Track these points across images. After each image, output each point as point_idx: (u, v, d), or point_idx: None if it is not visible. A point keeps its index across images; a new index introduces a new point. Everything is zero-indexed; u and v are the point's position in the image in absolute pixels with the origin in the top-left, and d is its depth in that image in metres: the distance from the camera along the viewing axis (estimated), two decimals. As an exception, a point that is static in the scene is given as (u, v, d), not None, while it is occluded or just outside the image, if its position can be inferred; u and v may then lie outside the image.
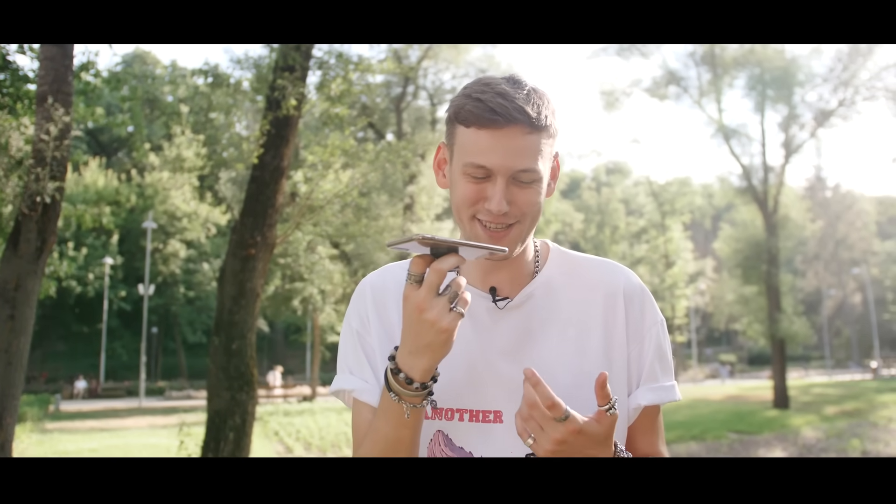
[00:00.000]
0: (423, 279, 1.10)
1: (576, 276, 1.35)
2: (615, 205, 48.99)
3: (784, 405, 23.89)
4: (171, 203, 34.93)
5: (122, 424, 21.38)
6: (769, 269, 24.87)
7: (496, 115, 1.16)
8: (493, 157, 1.18)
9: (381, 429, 1.20)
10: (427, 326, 1.09)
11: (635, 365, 1.32)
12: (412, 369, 1.13)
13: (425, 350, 1.11)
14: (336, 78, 8.35)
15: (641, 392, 1.32)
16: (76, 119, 9.36)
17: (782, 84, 24.98)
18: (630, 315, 1.32)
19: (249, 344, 7.32)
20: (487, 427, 1.26)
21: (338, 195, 9.14)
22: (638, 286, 1.35)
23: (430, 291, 1.09)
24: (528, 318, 1.30)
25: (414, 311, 1.10)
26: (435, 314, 1.09)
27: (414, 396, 1.15)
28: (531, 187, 1.21)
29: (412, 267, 1.11)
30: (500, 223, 1.21)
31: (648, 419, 1.36)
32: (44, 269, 6.13)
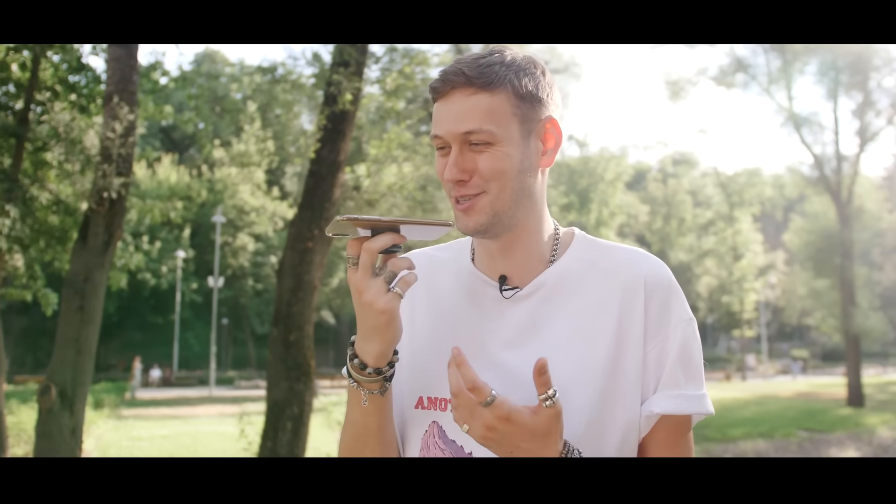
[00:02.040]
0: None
1: (595, 265, 1.22)
2: (682, 196, 48.05)
3: (859, 403, 23.13)
4: (240, 198, 35.78)
5: (193, 412, 22.09)
6: (843, 262, 24.06)
7: (440, 83, 1.15)
8: (441, 125, 1.15)
9: (349, 414, 1.21)
10: (366, 308, 1.08)
11: (654, 367, 1.17)
12: (365, 354, 1.12)
13: (372, 333, 1.10)
14: (391, 72, 8.43)
15: (657, 399, 1.16)
16: (146, 117, 9.71)
17: (857, 69, 24.09)
18: (650, 310, 1.17)
19: (307, 335, 7.46)
20: None
21: (393, 188, 9.23)
22: (664, 278, 1.20)
23: (364, 273, 1.07)
24: (535, 310, 1.20)
25: (355, 294, 1.09)
26: (371, 295, 1.07)
27: (370, 382, 1.13)
28: (487, 151, 1.13)
29: (348, 249, 1.10)
30: (465, 195, 1.15)
31: (668, 433, 1.18)
32: (111, 262, 6.39)
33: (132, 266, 10.36)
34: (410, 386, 1.26)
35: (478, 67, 1.14)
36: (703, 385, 1.19)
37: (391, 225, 1.08)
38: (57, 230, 9.02)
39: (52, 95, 8.59)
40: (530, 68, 1.18)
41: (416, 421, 1.25)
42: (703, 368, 1.20)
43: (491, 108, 1.13)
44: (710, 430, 17.09)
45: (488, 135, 1.12)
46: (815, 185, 25.97)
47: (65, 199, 8.85)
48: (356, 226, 1.07)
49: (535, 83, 1.17)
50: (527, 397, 1.10)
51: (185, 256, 38.61)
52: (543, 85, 1.19)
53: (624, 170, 43.19)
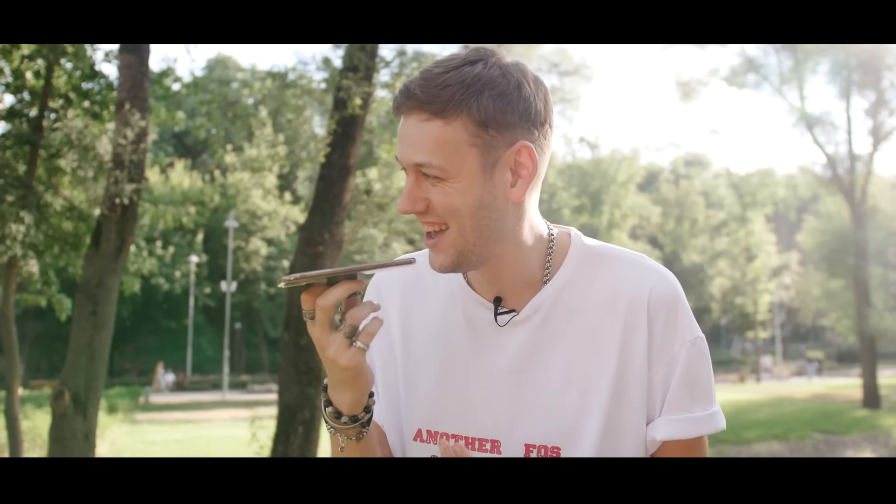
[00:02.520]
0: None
1: (596, 280, 1.13)
2: (694, 197, 47.83)
3: (874, 404, 22.98)
4: (252, 202, 35.93)
5: (206, 416, 22.20)
6: (857, 262, 23.91)
7: (398, 100, 1.04)
8: (399, 149, 1.05)
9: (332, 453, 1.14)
10: (330, 364, 1.01)
11: (659, 391, 1.10)
12: (339, 403, 1.06)
13: (341, 385, 1.03)
14: (401, 76, 8.46)
15: (660, 424, 1.10)
16: (159, 123, 9.79)
17: (869, 68, 23.96)
18: (654, 332, 1.09)
19: (318, 339, 7.49)
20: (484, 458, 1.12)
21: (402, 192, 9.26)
22: (668, 295, 1.11)
23: (322, 329, 0.99)
24: (534, 335, 1.12)
25: (318, 350, 1.02)
26: (332, 352, 0.99)
27: (346, 429, 1.07)
28: (439, 186, 1.03)
29: (303, 303, 1.00)
30: (428, 226, 1.07)
31: (672, 454, 1.12)
32: (123, 268, 6.44)
33: (145, 271, 10.43)
34: (409, 416, 1.20)
35: (433, 89, 1.00)
36: (711, 402, 1.12)
37: (347, 273, 0.98)
38: (71, 236, 9.10)
39: (65, 103, 8.67)
40: (501, 84, 1.02)
41: (416, 453, 1.19)
42: (712, 385, 1.13)
43: (443, 140, 1.01)
44: (725, 432, 16.76)
45: (438, 169, 1.01)
46: (829, 185, 25.82)
47: (78, 206, 8.92)
48: (307, 282, 0.97)
49: (503, 104, 1.02)
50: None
51: (198, 261, 38.82)
52: (516, 103, 1.03)
53: (636, 171, 43.06)
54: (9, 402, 8.45)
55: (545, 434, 1.10)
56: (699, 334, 1.12)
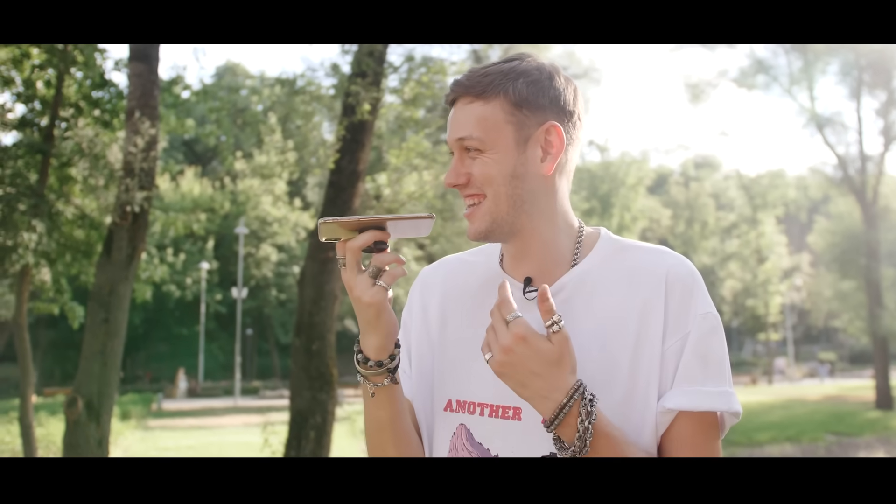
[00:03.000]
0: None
1: (618, 264, 1.22)
2: (704, 199, 47.68)
3: (887, 406, 22.83)
4: (262, 209, 36.07)
5: (219, 423, 22.24)
6: (869, 263, 23.77)
7: (449, 93, 1.21)
8: (448, 133, 1.21)
9: (365, 410, 1.25)
10: (357, 304, 1.14)
11: (671, 362, 1.14)
12: (367, 348, 1.17)
13: (367, 327, 1.16)
14: (409, 81, 8.48)
15: (672, 394, 1.13)
16: (168, 131, 9.85)
17: (880, 68, 23.85)
18: (670, 306, 1.16)
19: (329, 345, 7.51)
20: (506, 424, 1.19)
21: (413, 197, 9.27)
22: (685, 272, 1.18)
23: (350, 270, 1.14)
24: (559, 310, 1.16)
25: (348, 291, 1.15)
26: (358, 291, 1.13)
27: (374, 375, 1.18)
28: (479, 157, 1.18)
29: (337, 251, 1.16)
30: (467, 199, 1.21)
31: (687, 431, 1.14)
32: (134, 275, 6.49)
33: (157, 278, 10.49)
34: (440, 388, 1.29)
35: (475, 77, 1.18)
36: (725, 382, 1.15)
37: (376, 223, 1.13)
38: (82, 244, 9.17)
39: (76, 112, 8.74)
40: (534, 74, 1.19)
41: (444, 423, 1.27)
42: (726, 364, 1.16)
43: (483, 116, 1.17)
44: (737, 434, 16.91)
45: (478, 141, 1.16)
46: (840, 185, 25.70)
47: (89, 214, 8.99)
48: (341, 227, 1.12)
49: (535, 89, 1.18)
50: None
51: (208, 268, 38.92)
52: (547, 90, 1.19)
53: (645, 174, 42.94)
54: (23, 409, 8.51)
55: None
56: (712, 310, 1.17)
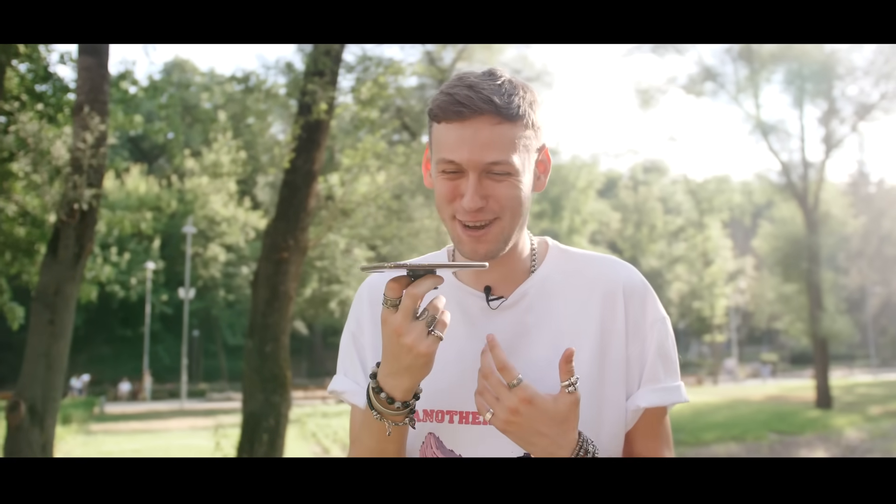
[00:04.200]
0: (399, 303, 1.08)
1: (574, 273, 1.29)
2: (652, 203, 48.54)
3: (827, 405, 23.46)
4: (211, 208, 35.46)
5: (165, 426, 21.78)
6: (810, 267, 24.42)
7: (462, 107, 1.13)
8: (462, 152, 1.14)
9: (365, 441, 1.21)
10: (405, 351, 1.08)
11: (636, 365, 1.25)
12: (394, 389, 1.12)
13: (405, 372, 1.10)
14: (366, 81, 8.42)
15: (642, 393, 1.25)
16: (116, 127, 9.58)
17: (821, 78, 24.52)
18: (630, 313, 1.26)
19: (283, 347, 7.41)
20: (478, 430, 1.22)
21: (370, 198, 9.21)
22: (639, 282, 1.29)
23: (406, 316, 1.07)
24: (521, 318, 1.26)
25: (392, 336, 1.08)
26: (412, 339, 1.07)
27: (396, 415, 1.14)
28: (506, 180, 1.16)
29: (388, 291, 1.09)
30: (479, 221, 1.17)
31: (650, 422, 1.28)
32: (82, 275, 6.29)
33: (103, 278, 10.20)
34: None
35: (504, 97, 1.14)
36: (678, 377, 1.28)
37: (427, 269, 1.08)
38: (24, 242, 8.86)
39: (19, 105, 8.44)
40: (536, 97, 1.20)
41: (413, 433, 1.27)
42: (677, 361, 1.29)
43: (513, 140, 1.15)
44: (685, 434, 17.22)
45: (510, 166, 1.15)
46: (783, 191, 26.35)
47: (31, 211, 8.69)
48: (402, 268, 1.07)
49: (539, 113, 1.20)
50: None
51: (154, 268, 38.14)
52: (540, 111, 1.21)
53: (595, 177, 43.52)
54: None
55: None
56: (664, 314, 1.30)
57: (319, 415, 22.53)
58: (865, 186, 56.20)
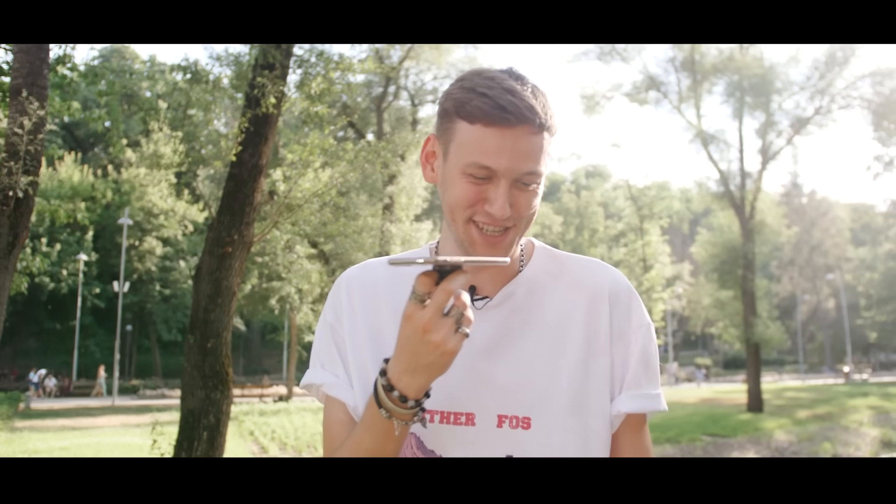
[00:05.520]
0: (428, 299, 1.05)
1: (560, 275, 1.29)
2: (594, 208, 49.19)
3: (758, 409, 24.16)
4: (148, 200, 34.63)
5: (95, 423, 21.12)
6: (745, 274, 25.12)
7: (507, 114, 1.10)
8: (501, 159, 1.11)
9: (364, 441, 1.15)
10: (431, 348, 1.04)
11: (619, 369, 1.26)
12: (408, 387, 1.08)
13: (425, 370, 1.06)
14: (316, 77, 8.30)
15: (624, 399, 1.25)
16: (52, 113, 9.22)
17: (760, 91, 25.25)
18: (615, 317, 1.26)
19: (225, 343, 7.25)
20: (459, 430, 1.20)
21: (316, 194, 9.09)
22: (625, 287, 1.29)
23: (436, 312, 1.03)
24: (507, 318, 1.24)
25: (417, 332, 1.04)
26: (441, 336, 1.03)
27: (406, 413, 1.10)
28: (532, 190, 1.16)
29: (419, 286, 1.04)
30: (499, 227, 1.15)
31: (632, 428, 1.28)
32: (15, 265, 6.02)
33: (34, 269, 9.82)
34: None
35: (544, 108, 1.14)
36: (659, 384, 1.28)
37: (454, 264, 1.04)
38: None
39: (-51, 87, 8.07)
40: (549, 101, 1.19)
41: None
42: (658, 369, 1.30)
43: (543, 149, 1.15)
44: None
45: (538, 176, 1.16)
46: (721, 199, 27.00)
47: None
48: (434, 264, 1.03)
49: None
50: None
51: (87, 260, 37.05)
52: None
53: (538, 181, 43.86)
54: None
55: (517, 405, 1.20)
56: (649, 320, 1.30)
57: (257, 413, 22.19)
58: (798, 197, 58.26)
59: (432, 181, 1.24)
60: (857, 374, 47.85)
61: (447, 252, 1.28)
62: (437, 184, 1.23)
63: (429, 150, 1.24)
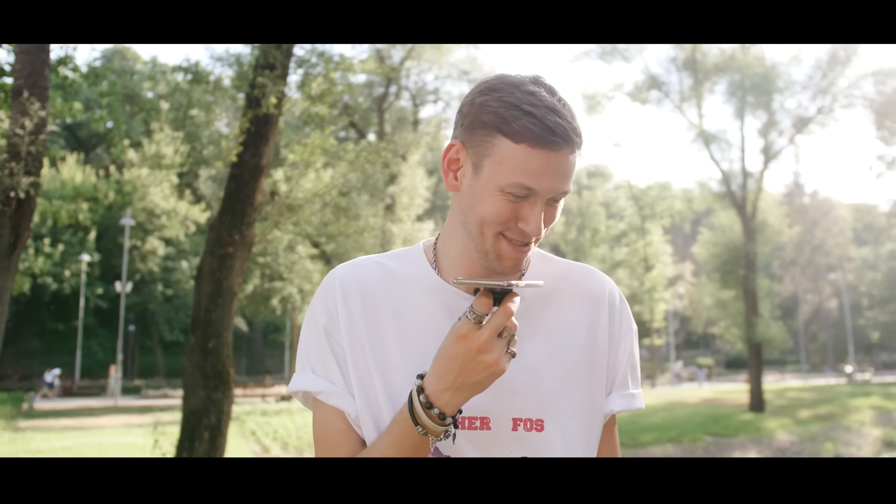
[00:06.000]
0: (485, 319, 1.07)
1: (561, 281, 1.31)
2: (596, 208, 49.18)
3: (759, 409, 24.12)
4: (150, 200, 34.63)
5: (97, 423, 21.16)
6: (747, 274, 25.07)
7: (556, 137, 1.10)
8: (544, 181, 1.11)
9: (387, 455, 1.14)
10: (482, 367, 1.07)
11: (611, 370, 1.30)
12: (448, 405, 1.09)
13: (471, 388, 1.09)
14: (317, 77, 8.32)
15: (613, 398, 1.30)
16: (54, 114, 9.25)
17: (762, 90, 25.20)
18: (612, 322, 1.31)
19: (226, 343, 7.27)
20: (475, 434, 1.20)
21: (317, 194, 9.11)
22: (618, 293, 1.34)
23: (493, 333, 1.06)
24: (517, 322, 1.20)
25: (471, 352, 1.06)
26: (494, 357, 1.06)
27: (441, 430, 1.10)
28: (558, 205, 1.18)
29: (479, 307, 1.06)
30: (528, 239, 1.16)
31: (611, 424, 1.33)
32: (17, 266, 6.04)
33: (37, 270, 9.85)
34: (392, 406, 1.21)
35: (577, 129, 1.14)
36: (639, 384, 1.35)
37: (504, 287, 1.07)
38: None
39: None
40: None
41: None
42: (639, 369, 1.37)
43: (573, 167, 1.15)
44: (622, 435, 17.52)
45: (567, 193, 1.17)
46: (722, 199, 26.97)
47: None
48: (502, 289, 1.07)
49: None
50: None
51: (90, 260, 37.10)
52: None
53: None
54: None
55: (530, 408, 1.22)
56: (636, 327, 1.36)
57: (259, 413, 22.21)
58: (800, 197, 58.12)
59: (455, 190, 1.21)
60: (860, 373, 47.75)
61: (448, 260, 1.26)
62: (461, 193, 1.19)
63: (452, 157, 1.19)
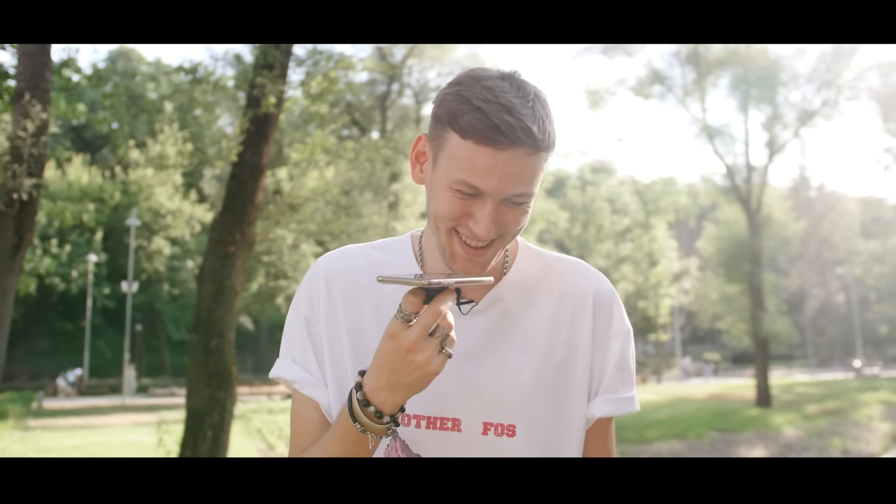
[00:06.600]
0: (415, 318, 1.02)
1: (546, 278, 1.28)
2: (600, 204, 49.12)
3: (766, 404, 23.99)
4: (156, 200, 34.74)
5: (105, 422, 21.26)
6: (752, 269, 24.94)
7: (500, 135, 1.04)
8: (489, 181, 1.06)
9: (335, 450, 1.12)
10: (414, 367, 1.02)
11: (597, 373, 1.27)
12: (384, 404, 1.06)
13: (405, 388, 1.04)
14: (316, 76, 8.35)
15: (598, 402, 1.26)
16: (58, 116, 9.30)
17: (766, 84, 25.05)
18: (598, 322, 1.26)
19: (228, 342, 7.31)
20: (444, 435, 1.19)
21: (318, 193, 9.15)
22: (608, 292, 1.29)
23: (422, 333, 1.01)
24: (493, 324, 1.23)
25: (401, 351, 1.02)
26: (425, 357, 1.02)
27: (381, 428, 1.07)
28: (521, 208, 1.11)
29: (407, 306, 1.02)
30: (483, 242, 1.11)
31: (601, 428, 1.30)
32: (21, 267, 6.10)
33: (42, 270, 9.92)
34: None
35: (539, 123, 1.06)
36: (633, 387, 1.30)
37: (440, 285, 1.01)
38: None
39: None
40: (551, 112, 1.12)
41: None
42: (634, 372, 1.31)
43: (538, 170, 1.10)
44: (628, 431, 17.52)
45: (529, 196, 1.11)
46: (727, 194, 26.82)
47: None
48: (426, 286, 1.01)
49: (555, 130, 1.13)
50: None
51: (96, 260, 37.25)
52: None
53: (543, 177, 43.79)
54: None
55: (502, 413, 1.20)
56: (628, 325, 1.31)
57: (265, 411, 22.27)
58: (806, 191, 57.84)
59: (420, 182, 1.20)
60: (868, 368, 47.56)
61: (430, 253, 1.26)
62: (425, 186, 1.18)
63: (419, 149, 1.19)
